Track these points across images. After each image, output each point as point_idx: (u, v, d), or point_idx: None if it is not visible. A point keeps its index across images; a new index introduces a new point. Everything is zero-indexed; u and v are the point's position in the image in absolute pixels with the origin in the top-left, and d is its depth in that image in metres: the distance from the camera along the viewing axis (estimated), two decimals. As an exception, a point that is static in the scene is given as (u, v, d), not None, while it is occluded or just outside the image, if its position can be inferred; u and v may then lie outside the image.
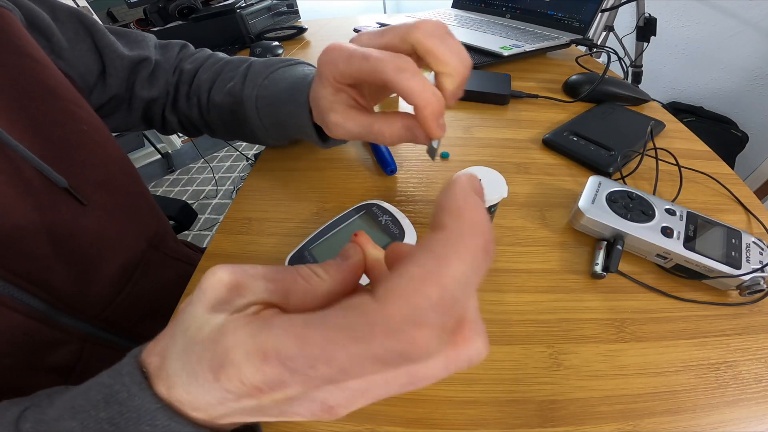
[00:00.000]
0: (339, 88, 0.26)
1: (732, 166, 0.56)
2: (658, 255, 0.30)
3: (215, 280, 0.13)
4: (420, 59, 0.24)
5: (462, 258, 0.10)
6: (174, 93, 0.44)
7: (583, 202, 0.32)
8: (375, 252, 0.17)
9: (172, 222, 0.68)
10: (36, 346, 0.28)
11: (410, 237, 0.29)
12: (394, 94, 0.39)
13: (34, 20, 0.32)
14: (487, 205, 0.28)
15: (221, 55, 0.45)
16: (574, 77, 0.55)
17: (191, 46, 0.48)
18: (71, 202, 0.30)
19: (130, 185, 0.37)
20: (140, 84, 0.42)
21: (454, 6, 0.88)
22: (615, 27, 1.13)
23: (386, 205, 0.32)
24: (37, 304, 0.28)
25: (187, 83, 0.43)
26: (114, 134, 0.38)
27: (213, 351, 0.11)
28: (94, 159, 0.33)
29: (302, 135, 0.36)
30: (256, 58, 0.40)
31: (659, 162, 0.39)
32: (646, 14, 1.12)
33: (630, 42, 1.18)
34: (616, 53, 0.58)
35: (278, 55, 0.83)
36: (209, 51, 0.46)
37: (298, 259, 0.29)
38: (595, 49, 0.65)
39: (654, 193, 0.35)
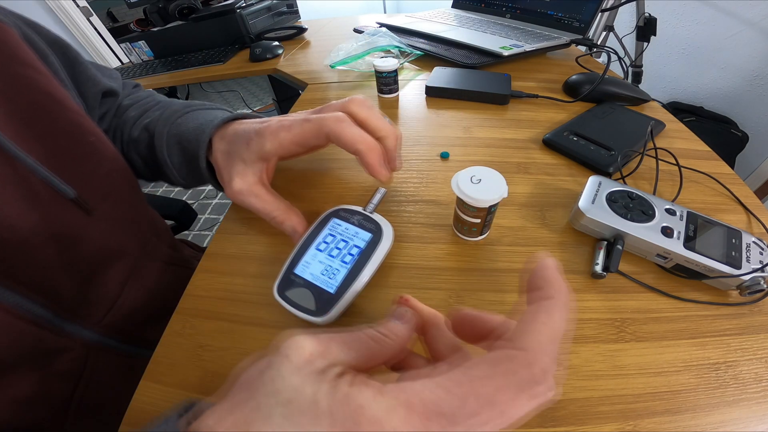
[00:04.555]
0: (262, 158, 0.30)
1: (732, 166, 0.56)
2: (658, 255, 0.30)
3: (306, 354, 0.13)
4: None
5: (566, 317, 0.13)
6: (113, 129, 0.43)
7: (583, 202, 0.32)
8: (426, 312, 0.19)
9: (172, 222, 0.67)
10: (42, 353, 0.28)
11: (387, 230, 0.29)
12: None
13: (28, 41, 0.32)
14: (488, 205, 0.28)
15: (160, 97, 0.45)
16: (574, 77, 0.55)
17: (141, 87, 0.48)
18: (78, 213, 0.30)
19: (132, 196, 0.37)
20: (98, 115, 0.41)
21: (454, 6, 0.88)
22: (615, 27, 1.13)
23: (349, 206, 0.31)
24: (42, 312, 0.28)
25: (119, 117, 0.43)
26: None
27: (336, 412, 0.12)
28: (100, 170, 0.33)
29: (203, 178, 0.36)
30: (180, 100, 0.40)
31: (659, 162, 0.39)
32: (646, 14, 1.12)
33: (630, 42, 1.18)
34: (616, 53, 0.58)
35: (278, 55, 0.83)
36: (153, 91, 0.47)
37: (287, 285, 0.27)
38: (595, 49, 0.65)
39: (654, 193, 0.35)
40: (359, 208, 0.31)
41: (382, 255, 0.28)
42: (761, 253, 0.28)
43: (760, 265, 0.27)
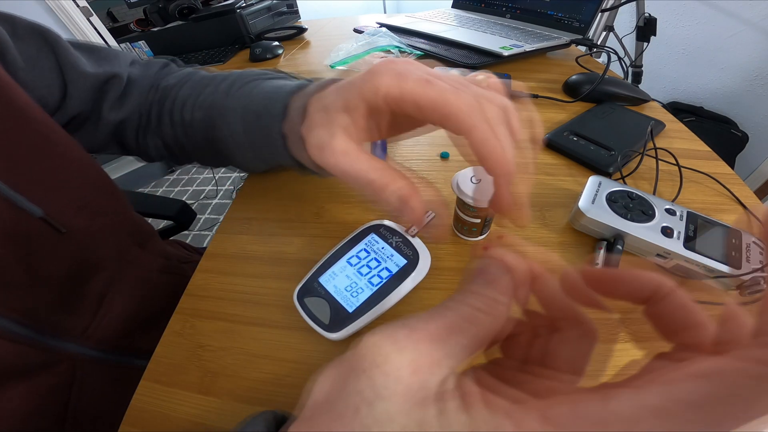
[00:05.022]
0: (372, 110, 0.19)
1: (732, 166, 0.56)
2: (658, 255, 0.30)
3: (407, 361, 0.10)
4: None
5: None
6: (147, 113, 0.39)
7: (583, 202, 0.32)
8: (521, 267, 0.14)
9: (171, 222, 0.67)
10: (26, 368, 0.28)
11: (424, 260, 0.27)
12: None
13: None
14: (488, 205, 0.28)
15: (205, 73, 0.39)
16: (574, 77, 0.55)
17: (177, 63, 0.42)
18: (49, 231, 0.29)
19: (110, 206, 0.35)
20: (108, 105, 0.37)
21: (454, 6, 0.88)
22: (615, 27, 1.13)
23: (392, 224, 0.30)
24: (21, 330, 0.27)
25: (163, 101, 0.38)
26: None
27: None
28: (73, 182, 0.31)
29: (276, 156, 0.29)
30: (239, 70, 0.35)
31: (659, 162, 0.39)
32: (646, 14, 1.12)
33: (630, 42, 1.18)
34: (616, 53, 0.58)
35: (278, 55, 0.83)
36: (198, 67, 0.40)
37: (307, 291, 0.27)
38: (595, 49, 0.65)
39: (654, 193, 0.35)
40: (401, 229, 0.29)
41: (411, 286, 0.27)
42: (761, 253, 0.28)
43: (760, 265, 0.27)
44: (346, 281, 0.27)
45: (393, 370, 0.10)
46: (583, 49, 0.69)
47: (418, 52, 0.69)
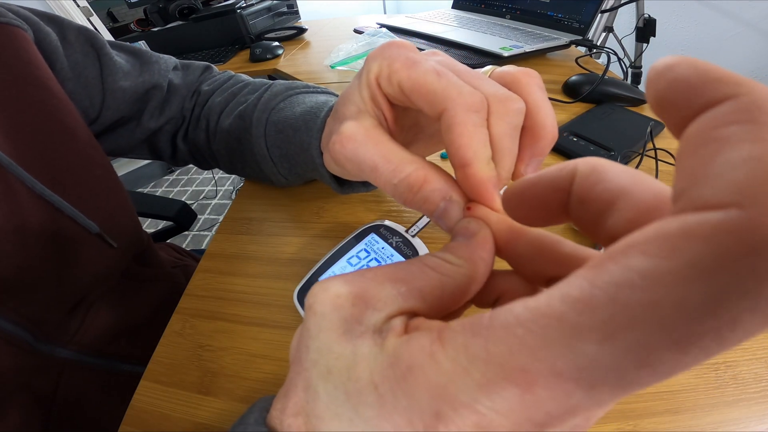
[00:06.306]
0: (378, 97, 0.17)
1: (731, 167, 0.57)
2: (657, 255, 0.30)
3: (331, 296, 0.10)
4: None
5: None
6: (189, 118, 0.39)
7: (582, 203, 0.32)
8: (502, 223, 0.13)
9: (171, 223, 0.67)
10: (26, 376, 0.28)
11: None
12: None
13: (41, 42, 0.30)
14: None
15: (244, 77, 0.39)
16: (573, 78, 0.55)
17: (215, 68, 0.42)
18: (103, 245, 0.30)
19: (130, 226, 0.36)
20: (149, 114, 0.37)
21: (454, 7, 0.88)
22: (614, 28, 1.13)
23: (392, 224, 0.29)
24: (23, 334, 0.28)
25: (201, 106, 0.39)
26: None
27: (381, 383, 0.08)
28: (107, 205, 0.32)
29: (314, 173, 0.30)
30: (280, 81, 0.35)
31: (659, 162, 0.39)
32: (646, 15, 1.12)
33: (630, 43, 1.19)
34: (615, 54, 0.58)
35: (278, 55, 0.83)
36: (232, 73, 0.41)
37: (307, 291, 0.27)
38: (594, 50, 0.65)
39: (654, 194, 0.35)
40: (402, 229, 0.29)
41: None
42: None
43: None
44: None
45: (319, 307, 0.10)
46: (582, 49, 0.69)
47: (418, 53, 0.69)
